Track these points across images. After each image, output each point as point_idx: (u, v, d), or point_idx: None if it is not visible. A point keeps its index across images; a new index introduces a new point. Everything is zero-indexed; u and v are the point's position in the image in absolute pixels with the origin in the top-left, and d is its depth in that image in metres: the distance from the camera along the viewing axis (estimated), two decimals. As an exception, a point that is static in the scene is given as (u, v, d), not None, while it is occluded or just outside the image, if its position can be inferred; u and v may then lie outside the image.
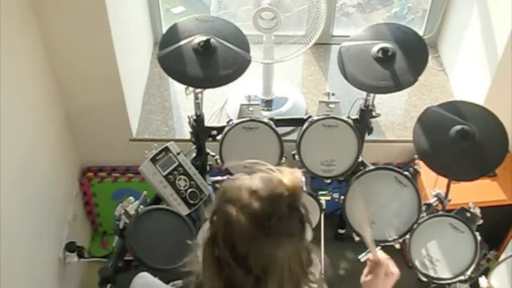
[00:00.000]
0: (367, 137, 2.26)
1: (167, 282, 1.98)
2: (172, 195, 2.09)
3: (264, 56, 2.25)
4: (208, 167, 2.30)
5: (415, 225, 2.02)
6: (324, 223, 2.19)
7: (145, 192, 2.03)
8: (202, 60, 1.95)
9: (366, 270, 1.39)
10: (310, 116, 2.12)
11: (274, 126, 2.10)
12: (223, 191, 1.03)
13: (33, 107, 2.04)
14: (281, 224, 0.98)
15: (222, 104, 2.55)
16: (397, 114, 2.57)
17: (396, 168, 2.07)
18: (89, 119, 2.36)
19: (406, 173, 2.05)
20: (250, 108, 2.11)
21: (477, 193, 2.21)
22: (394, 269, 1.37)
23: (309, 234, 1.06)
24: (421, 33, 2.65)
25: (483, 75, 2.31)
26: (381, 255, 1.37)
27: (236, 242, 0.98)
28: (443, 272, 2.00)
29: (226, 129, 2.08)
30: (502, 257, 2.13)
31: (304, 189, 1.09)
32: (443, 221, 2.01)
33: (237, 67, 1.97)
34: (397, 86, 1.98)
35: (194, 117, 2.15)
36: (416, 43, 2.04)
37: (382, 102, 2.51)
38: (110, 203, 2.50)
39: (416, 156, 2.03)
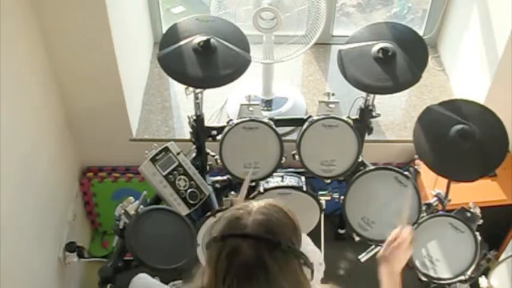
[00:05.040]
0: (367, 137, 2.26)
1: (167, 282, 1.98)
2: (172, 195, 2.09)
3: (264, 56, 2.25)
4: (208, 167, 2.30)
5: (415, 225, 2.02)
6: (324, 223, 2.19)
7: (145, 192, 2.03)
8: (202, 60, 1.95)
9: (385, 244, 1.40)
10: (310, 116, 2.12)
11: (274, 126, 2.10)
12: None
13: (33, 107, 2.04)
14: None
15: (222, 104, 2.55)
16: (397, 114, 2.57)
17: (396, 168, 2.07)
18: (89, 119, 2.36)
19: (406, 173, 2.05)
20: (250, 108, 2.10)
21: (477, 193, 2.21)
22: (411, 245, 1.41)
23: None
24: (421, 33, 2.65)
25: (483, 75, 2.31)
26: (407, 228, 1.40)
27: None
28: (443, 272, 2.00)
29: (226, 129, 2.08)
30: (502, 257, 2.14)
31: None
32: (443, 221, 2.00)
33: (237, 67, 1.97)
34: (398, 86, 1.98)
35: (194, 117, 2.15)
36: (415, 42, 2.04)
37: (382, 102, 2.50)
38: (110, 203, 2.50)
39: (416, 156, 2.03)
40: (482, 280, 2.04)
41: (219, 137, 2.13)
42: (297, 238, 1.04)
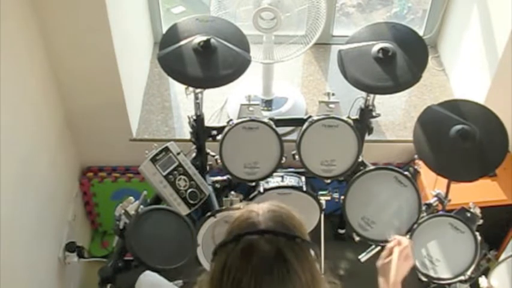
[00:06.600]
0: (367, 137, 2.26)
1: (167, 282, 1.98)
2: (172, 195, 2.09)
3: (264, 56, 2.25)
4: (208, 167, 2.30)
5: (415, 225, 2.02)
6: (324, 223, 2.19)
7: (145, 192, 2.03)
8: (202, 60, 1.95)
9: (384, 253, 1.40)
10: (310, 116, 2.12)
11: (274, 126, 2.10)
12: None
13: (33, 106, 2.04)
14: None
15: (222, 104, 2.55)
16: (397, 114, 2.57)
17: (396, 168, 2.07)
18: (89, 119, 2.36)
19: (406, 173, 2.05)
20: (250, 108, 2.10)
21: (477, 193, 2.21)
22: (411, 254, 1.40)
23: None
24: (421, 33, 2.65)
25: (483, 75, 2.31)
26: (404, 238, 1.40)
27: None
28: (443, 272, 2.00)
29: (226, 129, 2.08)
30: (502, 257, 2.14)
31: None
32: (443, 221, 2.01)
33: (237, 67, 1.97)
34: (398, 86, 1.98)
35: (194, 117, 2.15)
36: (415, 42, 2.04)
37: (382, 102, 2.51)
38: (110, 203, 2.50)
39: (416, 156, 2.03)
40: (482, 280, 2.04)
41: (219, 137, 2.13)
42: (306, 232, 1.06)
